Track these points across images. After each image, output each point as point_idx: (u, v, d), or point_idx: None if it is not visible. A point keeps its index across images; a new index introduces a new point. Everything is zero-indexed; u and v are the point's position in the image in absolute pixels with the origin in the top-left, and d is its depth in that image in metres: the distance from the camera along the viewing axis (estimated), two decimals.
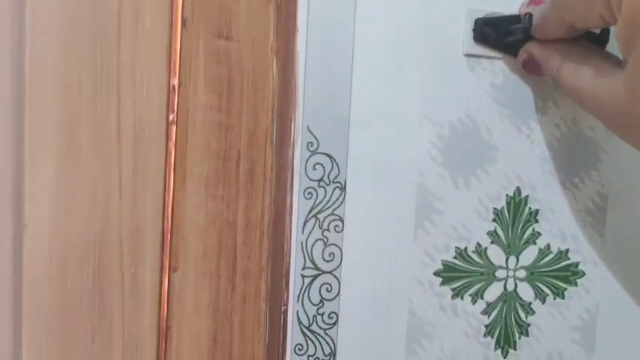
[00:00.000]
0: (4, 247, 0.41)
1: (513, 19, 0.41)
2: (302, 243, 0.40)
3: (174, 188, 0.43)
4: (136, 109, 0.42)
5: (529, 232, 0.44)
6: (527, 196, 0.44)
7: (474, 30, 0.41)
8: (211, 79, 0.42)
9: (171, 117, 0.43)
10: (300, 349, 0.41)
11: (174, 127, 0.43)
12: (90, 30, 0.41)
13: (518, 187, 0.44)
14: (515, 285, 0.44)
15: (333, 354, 0.41)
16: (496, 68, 0.43)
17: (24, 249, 0.40)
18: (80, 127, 0.41)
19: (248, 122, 0.42)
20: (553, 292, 0.45)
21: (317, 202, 0.40)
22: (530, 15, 0.39)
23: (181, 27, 0.42)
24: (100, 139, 0.41)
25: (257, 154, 0.42)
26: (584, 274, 0.45)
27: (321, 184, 0.40)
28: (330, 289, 0.41)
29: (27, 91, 0.40)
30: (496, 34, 0.41)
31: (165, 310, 0.43)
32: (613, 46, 0.37)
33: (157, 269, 0.42)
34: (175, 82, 0.42)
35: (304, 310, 0.41)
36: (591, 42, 0.40)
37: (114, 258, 0.42)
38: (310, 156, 0.40)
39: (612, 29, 0.37)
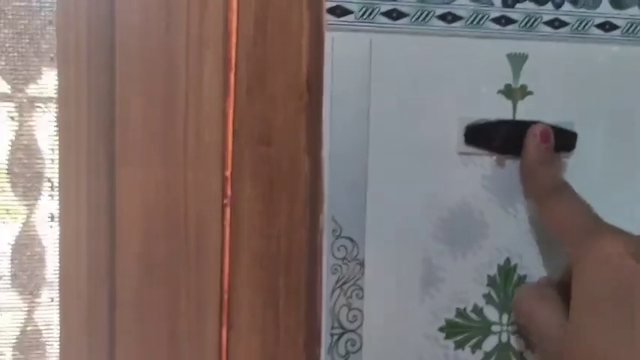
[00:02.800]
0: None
1: (496, 125, 0.51)
2: (330, 308, 0.51)
3: (230, 261, 0.54)
4: (197, 197, 0.53)
5: None
6: (515, 264, 0.53)
7: (465, 134, 0.51)
8: (255, 175, 0.53)
9: (225, 201, 0.54)
10: None
11: (228, 209, 0.54)
12: (164, 139, 0.52)
13: (507, 258, 0.53)
14: (508, 337, 0.53)
15: None
16: (485, 163, 0.52)
17: None
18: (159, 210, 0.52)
19: (286, 210, 0.53)
20: None
21: (342, 276, 0.51)
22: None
23: (232, 136, 0.53)
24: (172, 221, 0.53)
25: (294, 235, 0.53)
26: None
27: (345, 261, 0.51)
28: (354, 344, 0.52)
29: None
30: (483, 138, 0.51)
31: None
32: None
33: (217, 325, 0.54)
34: (228, 174, 0.54)
35: None
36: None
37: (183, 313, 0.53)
38: (335, 240, 0.51)
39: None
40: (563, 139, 0.51)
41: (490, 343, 0.53)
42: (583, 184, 0.50)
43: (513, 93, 0.52)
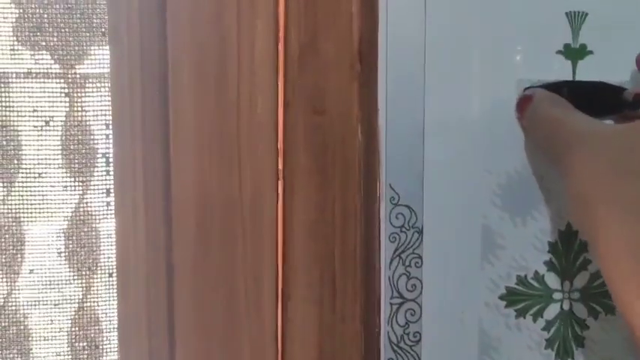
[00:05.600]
0: None
1: (555, 86, 0.49)
2: (389, 277, 0.51)
3: (284, 232, 0.53)
4: (251, 169, 0.53)
5: (580, 259, 0.52)
6: (577, 230, 0.52)
7: None
8: (308, 146, 0.53)
9: (281, 173, 0.53)
10: None
11: (281, 181, 0.54)
12: (216, 113, 0.52)
13: (569, 223, 0.52)
14: (571, 305, 0.52)
15: None
16: None
17: None
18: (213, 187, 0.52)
19: (340, 180, 0.53)
20: (605, 310, 0.53)
21: (400, 244, 0.50)
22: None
23: (284, 107, 0.53)
24: (226, 193, 0.53)
25: (349, 204, 0.53)
26: None
27: (403, 229, 0.50)
28: (413, 313, 0.51)
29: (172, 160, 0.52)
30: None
31: (281, 331, 0.54)
32: None
33: (273, 297, 0.53)
34: (281, 146, 0.53)
35: (393, 331, 0.51)
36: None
37: (240, 285, 0.53)
38: (393, 208, 0.50)
39: None
40: (627, 98, 0.49)
41: (552, 311, 0.52)
42: None
43: (573, 53, 0.50)
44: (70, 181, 0.53)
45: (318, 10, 0.52)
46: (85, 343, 0.55)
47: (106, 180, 0.53)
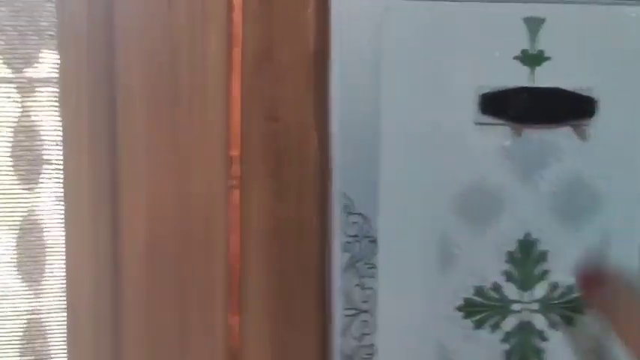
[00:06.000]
0: None
1: (513, 92, 0.49)
2: (343, 288, 0.49)
3: (239, 243, 0.52)
4: (204, 178, 0.52)
5: (539, 269, 0.51)
6: (536, 239, 0.51)
7: (481, 104, 0.49)
8: (264, 153, 0.51)
9: (234, 181, 0.52)
10: None
11: (236, 190, 0.52)
12: (167, 120, 0.50)
13: (527, 232, 0.51)
14: (530, 316, 0.51)
15: None
16: (503, 133, 0.50)
17: None
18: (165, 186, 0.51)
19: (296, 188, 0.51)
20: (564, 321, 0.51)
21: (354, 254, 0.49)
22: None
23: (240, 114, 0.51)
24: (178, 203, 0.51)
25: (305, 214, 0.51)
26: None
27: (357, 239, 0.49)
28: (368, 325, 0.50)
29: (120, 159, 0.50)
30: (500, 107, 0.49)
31: (234, 346, 0.52)
32: None
33: (226, 311, 0.52)
34: (236, 154, 0.52)
35: (348, 343, 0.49)
36: None
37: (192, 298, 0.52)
38: (347, 216, 0.49)
39: None
40: (583, 106, 0.49)
41: (510, 322, 0.51)
42: (603, 151, 0.48)
43: (530, 59, 0.49)
44: (17, 189, 0.52)
45: (273, 19, 0.51)
46: (32, 357, 0.53)
47: (53, 187, 0.52)
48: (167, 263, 0.51)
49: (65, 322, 0.51)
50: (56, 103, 0.51)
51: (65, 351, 0.52)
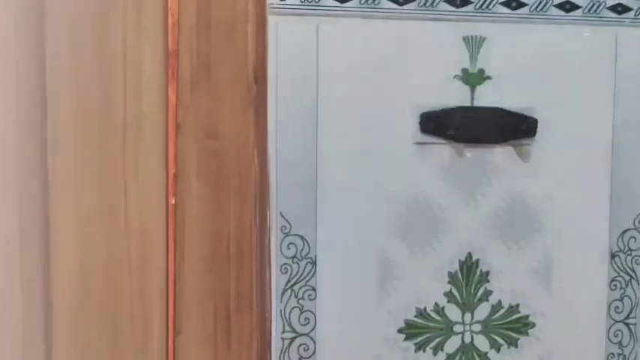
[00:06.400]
0: None
1: (453, 112, 0.48)
2: (281, 310, 0.48)
3: (175, 265, 0.50)
4: (139, 198, 0.50)
5: (481, 290, 0.50)
6: (477, 260, 0.50)
7: (420, 123, 0.48)
8: (202, 173, 0.50)
9: (172, 201, 0.51)
10: None
11: (173, 210, 0.51)
12: (100, 138, 0.49)
13: (469, 253, 0.50)
14: (472, 337, 0.50)
15: None
16: (443, 153, 0.49)
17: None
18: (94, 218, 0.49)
19: (235, 208, 0.50)
20: (507, 342, 0.51)
21: (292, 276, 0.48)
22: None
23: (175, 131, 0.50)
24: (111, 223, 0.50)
25: (244, 235, 0.50)
26: (534, 325, 0.51)
27: (295, 260, 0.48)
28: (307, 348, 0.48)
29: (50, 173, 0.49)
30: (440, 126, 0.48)
31: None
32: None
33: (164, 333, 0.50)
34: (173, 172, 0.50)
35: None
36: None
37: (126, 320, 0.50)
38: (284, 237, 0.48)
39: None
40: (524, 126, 0.48)
41: (453, 344, 0.50)
42: (544, 171, 0.47)
43: (471, 78, 0.49)
44: None
45: (211, 35, 0.50)
46: None
47: None
48: (100, 285, 0.49)
49: None
50: None
51: None
